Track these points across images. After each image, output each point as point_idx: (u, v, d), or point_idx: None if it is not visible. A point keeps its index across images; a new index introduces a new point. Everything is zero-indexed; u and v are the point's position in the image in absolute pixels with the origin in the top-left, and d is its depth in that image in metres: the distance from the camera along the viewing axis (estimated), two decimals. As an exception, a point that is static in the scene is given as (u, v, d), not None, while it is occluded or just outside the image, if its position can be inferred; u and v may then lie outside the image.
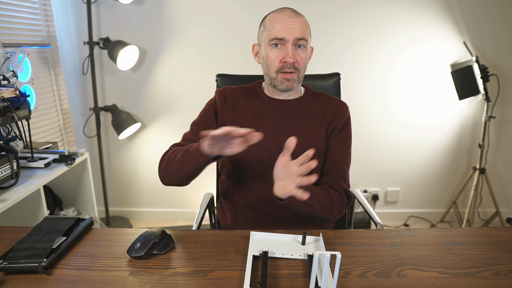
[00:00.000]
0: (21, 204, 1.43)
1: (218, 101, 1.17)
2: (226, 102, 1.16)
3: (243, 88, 1.21)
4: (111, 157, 2.63)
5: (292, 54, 1.04)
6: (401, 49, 2.35)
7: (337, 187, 1.09)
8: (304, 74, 1.12)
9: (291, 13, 1.06)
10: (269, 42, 1.07)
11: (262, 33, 1.10)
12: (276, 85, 1.10)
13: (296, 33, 1.04)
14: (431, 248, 0.89)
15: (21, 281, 0.77)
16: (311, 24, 1.13)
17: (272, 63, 1.08)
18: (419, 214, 2.66)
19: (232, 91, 1.19)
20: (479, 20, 2.28)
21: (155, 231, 0.90)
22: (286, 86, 1.09)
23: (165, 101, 2.50)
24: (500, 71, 2.34)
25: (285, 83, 1.08)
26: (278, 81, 1.09)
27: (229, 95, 1.18)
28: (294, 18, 1.05)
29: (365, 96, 2.43)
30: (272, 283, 0.76)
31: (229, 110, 1.15)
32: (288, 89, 1.10)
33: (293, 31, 1.03)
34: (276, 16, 1.06)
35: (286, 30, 1.04)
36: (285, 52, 1.05)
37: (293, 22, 1.04)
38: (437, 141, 2.51)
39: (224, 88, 1.21)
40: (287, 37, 1.04)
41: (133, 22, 2.36)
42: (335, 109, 1.15)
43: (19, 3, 1.98)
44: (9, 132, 1.53)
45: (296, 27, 1.04)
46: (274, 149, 1.11)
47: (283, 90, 1.10)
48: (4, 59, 1.56)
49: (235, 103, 1.16)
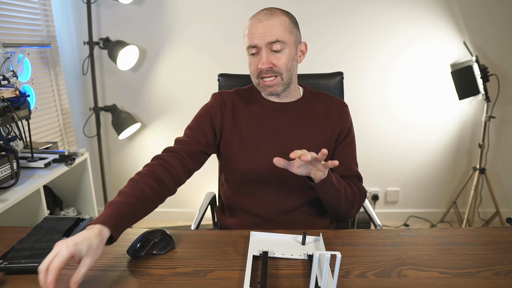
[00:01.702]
0: (21, 204, 1.43)
1: (216, 105, 1.12)
2: (226, 106, 1.12)
3: (239, 92, 1.17)
4: (111, 157, 2.63)
5: (265, 60, 1.01)
6: (401, 49, 2.35)
7: (357, 185, 1.12)
8: (291, 74, 1.06)
9: (263, 17, 1.02)
10: (247, 50, 1.06)
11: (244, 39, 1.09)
12: (261, 90, 1.10)
13: (267, 37, 1.00)
14: (431, 248, 0.89)
15: (21, 281, 0.77)
16: (309, 23, 1.12)
17: (251, 70, 1.07)
18: (419, 214, 2.66)
19: (230, 95, 1.15)
20: (479, 20, 2.28)
21: (155, 231, 0.90)
22: (269, 91, 1.06)
23: (165, 101, 2.50)
24: (500, 71, 2.34)
25: (267, 89, 1.06)
26: (261, 87, 1.08)
27: (227, 98, 1.14)
28: (266, 21, 1.00)
29: (365, 96, 2.43)
30: (272, 283, 0.76)
31: (229, 114, 1.12)
32: (273, 94, 1.08)
33: (263, 36, 1.00)
34: (250, 22, 1.04)
35: (256, 36, 1.01)
36: (259, 59, 1.03)
37: (263, 26, 1.00)
38: (437, 141, 2.51)
39: (220, 92, 1.17)
40: (259, 43, 1.01)
41: (133, 22, 2.36)
42: (339, 111, 1.14)
43: (19, 3, 1.98)
44: (9, 132, 1.53)
45: (266, 30, 1.00)
46: (277, 154, 1.08)
47: (268, 95, 1.10)
48: (4, 59, 1.56)
49: (234, 108, 1.13)
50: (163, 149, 1.06)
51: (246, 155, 1.09)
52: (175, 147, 1.05)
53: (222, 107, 1.12)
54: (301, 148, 0.99)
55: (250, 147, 1.10)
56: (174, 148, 1.05)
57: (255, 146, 1.10)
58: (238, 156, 1.10)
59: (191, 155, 1.05)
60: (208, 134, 1.09)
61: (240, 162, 1.10)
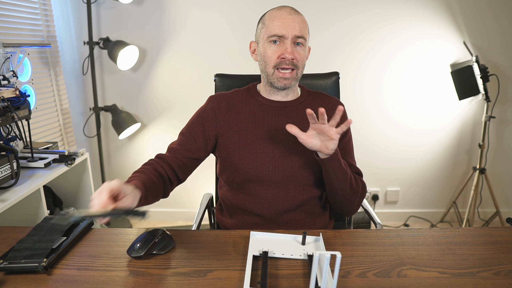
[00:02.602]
0: (21, 204, 1.43)
1: (209, 110, 1.14)
2: (220, 110, 1.13)
3: (237, 92, 1.18)
4: (111, 157, 2.63)
5: (291, 51, 1.04)
6: (400, 47, 2.34)
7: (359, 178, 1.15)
8: (302, 72, 1.11)
9: (291, 11, 1.06)
10: (268, 38, 1.06)
11: (261, 30, 1.09)
12: (273, 82, 1.09)
13: (295, 30, 1.03)
14: (431, 248, 0.89)
15: (21, 281, 0.77)
16: (308, 22, 1.13)
17: (269, 58, 1.07)
18: (419, 214, 2.66)
19: (226, 96, 1.17)
20: (479, 19, 2.28)
21: (155, 231, 0.90)
22: (283, 84, 1.08)
23: (165, 101, 2.50)
24: (500, 71, 2.34)
25: (282, 81, 1.07)
26: (275, 78, 1.08)
27: (222, 100, 1.15)
28: (294, 15, 1.05)
29: (363, 96, 2.43)
30: (272, 283, 0.76)
31: (224, 117, 1.13)
32: (285, 87, 1.09)
33: (293, 29, 1.03)
34: (276, 13, 1.06)
35: (285, 27, 1.03)
36: (283, 48, 1.04)
37: (292, 19, 1.04)
38: (437, 141, 2.51)
39: (217, 94, 1.19)
40: (287, 34, 1.04)
41: (133, 22, 2.36)
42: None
43: (19, 3, 1.98)
44: (9, 132, 1.53)
45: (295, 24, 1.04)
46: (277, 152, 1.09)
47: (280, 87, 1.09)
48: (4, 59, 1.56)
49: (230, 108, 1.14)
50: (156, 155, 1.13)
51: (245, 154, 1.10)
52: (165, 155, 1.12)
53: (215, 111, 1.13)
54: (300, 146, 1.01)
55: (249, 146, 1.10)
56: (164, 155, 1.12)
57: (255, 145, 1.10)
58: (237, 156, 1.10)
59: (180, 164, 1.11)
60: (198, 140, 1.13)
61: (239, 162, 1.10)
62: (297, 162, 1.09)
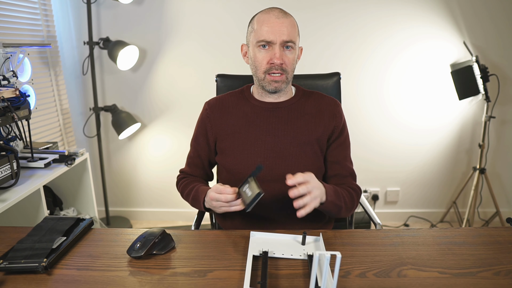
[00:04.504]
0: (21, 204, 1.43)
1: (205, 118, 1.18)
2: (213, 114, 1.17)
3: (231, 95, 1.20)
4: (111, 157, 2.63)
5: (279, 56, 1.04)
6: (400, 48, 2.35)
7: (352, 186, 1.13)
8: (292, 75, 1.11)
9: (279, 14, 1.05)
10: (257, 43, 1.06)
11: (250, 34, 1.10)
12: (264, 86, 1.10)
13: (283, 35, 1.03)
14: (431, 248, 0.89)
15: (21, 281, 0.77)
16: (306, 22, 1.13)
17: (259, 64, 1.08)
18: (419, 214, 2.66)
19: (219, 100, 1.19)
20: (479, 20, 2.28)
21: (155, 231, 0.90)
22: (274, 87, 1.09)
23: (165, 101, 2.50)
24: (500, 71, 2.34)
25: (273, 84, 1.08)
26: (266, 82, 1.09)
27: (215, 105, 1.18)
28: (282, 19, 1.04)
29: (364, 96, 2.43)
30: (272, 283, 0.76)
31: (218, 122, 1.16)
32: (276, 91, 1.10)
33: (281, 34, 1.03)
34: (264, 16, 1.06)
35: (273, 32, 1.03)
36: (272, 53, 1.05)
37: (280, 23, 1.03)
38: (437, 141, 2.51)
39: (210, 100, 1.21)
40: (275, 39, 1.03)
41: (133, 22, 2.36)
42: (331, 110, 1.15)
43: (19, 3, 1.98)
44: (9, 132, 1.53)
45: (283, 29, 1.03)
46: (268, 153, 1.11)
47: (271, 91, 1.10)
48: (4, 59, 1.56)
49: (223, 112, 1.16)
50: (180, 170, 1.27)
51: (238, 155, 1.12)
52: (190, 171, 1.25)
53: (210, 118, 1.17)
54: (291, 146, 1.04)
55: (241, 148, 1.12)
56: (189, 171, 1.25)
57: (247, 146, 1.12)
58: (231, 157, 1.13)
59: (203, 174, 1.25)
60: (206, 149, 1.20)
61: (233, 163, 1.12)
62: (289, 162, 1.10)
